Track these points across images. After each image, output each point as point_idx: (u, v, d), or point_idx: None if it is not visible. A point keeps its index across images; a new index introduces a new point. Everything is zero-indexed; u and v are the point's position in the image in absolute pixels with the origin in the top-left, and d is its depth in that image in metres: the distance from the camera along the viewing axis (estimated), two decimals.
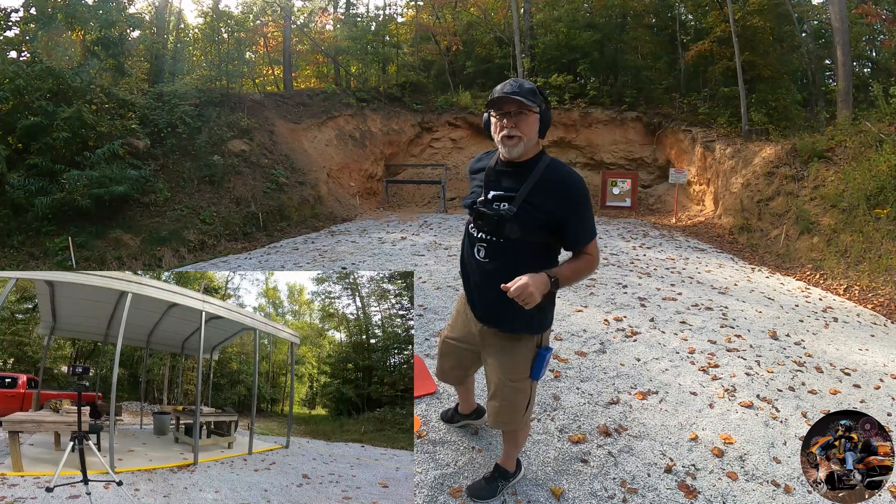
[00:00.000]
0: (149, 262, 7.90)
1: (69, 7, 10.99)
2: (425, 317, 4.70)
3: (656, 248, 8.65)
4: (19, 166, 8.31)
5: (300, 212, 11.28)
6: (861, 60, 18.12)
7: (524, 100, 1.68)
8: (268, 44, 19.01)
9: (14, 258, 7.37)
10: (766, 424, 2.95)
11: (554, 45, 16.81)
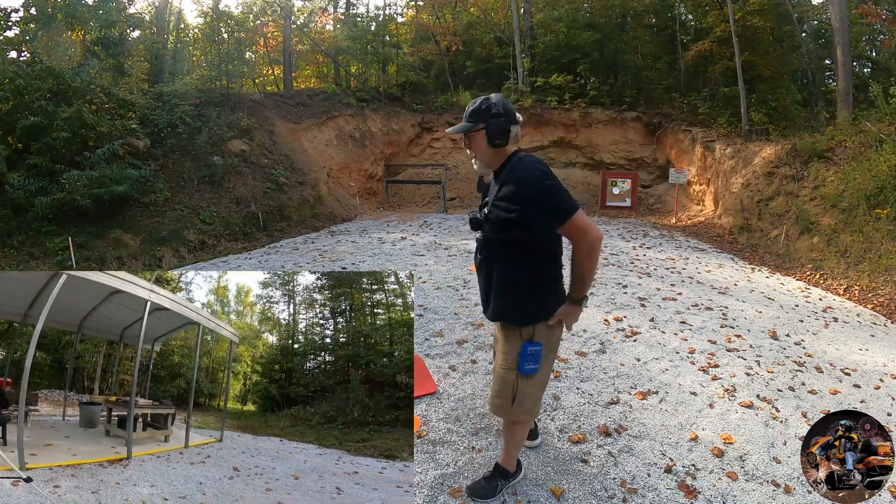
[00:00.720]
0: (149, 262, 7.90)
1: (69, 7, 10.99)
2: (425, 317, 4.70)
3: (656, 248, 8.65)
4: (19, 166, 8.31)
5: (300, 212, 11.28)
6: (861, 60, 18.12)
7: (466, 125, 1.93)
8: (268, 44, 19.02)
9: (14, 258, 7.37)
10: (766, 424, 2.95)
11: (554, 45, 16.81)
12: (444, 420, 2.90)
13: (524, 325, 2.00)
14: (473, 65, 18.80)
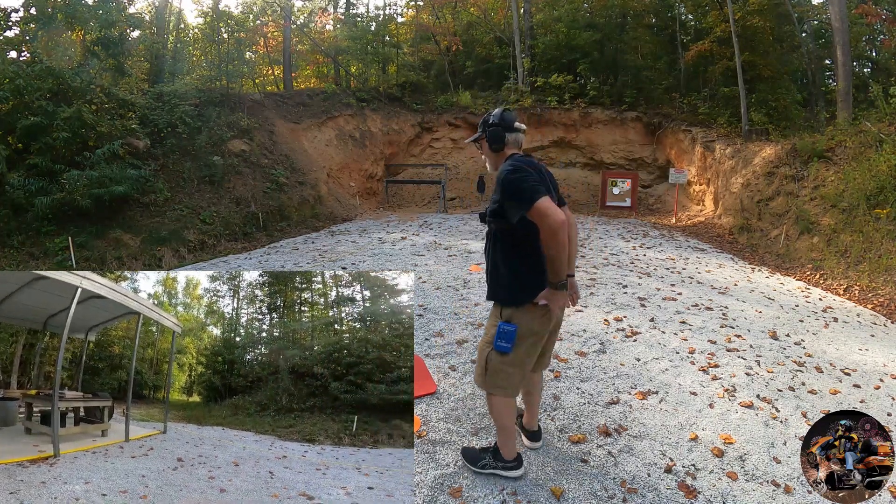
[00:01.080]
0: (149, 262, 7.90)
1: (69, 7, 10.99)
2: (425, 317, 4.70)
3: (656, 248, 8.65)
4: (19, 166, 8.31)
5: (300, 212, 11.28)
6: (861, 60, 18.12)
7: (476, 135, 2.34)
8: (268, 44, 19.02)
9: (14, 258, 7.37)
10: (766, 424, 2.95)
11: (554, 45, 16.81)
12: (444, 420, 2.90)
13: (504, 305, 2.20)
14: (473, 65, 18.80)
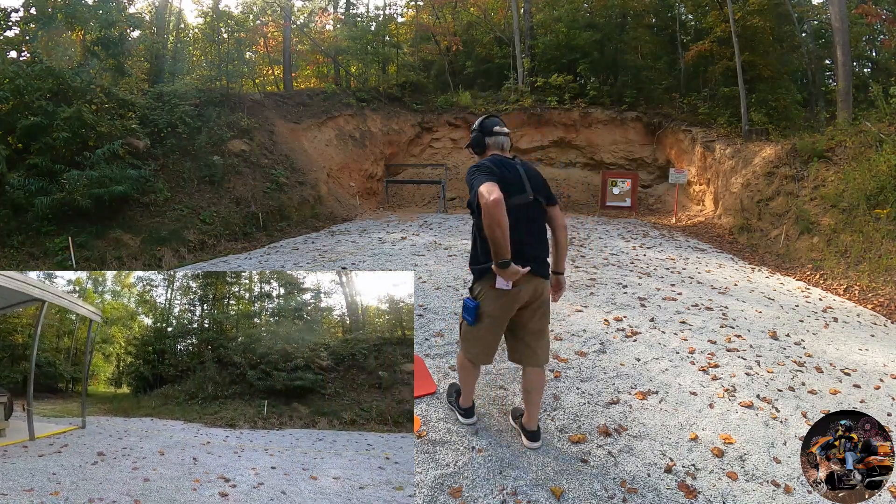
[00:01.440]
0: (149, 262, 7.90)
1: (69, 7, 10.99)
2: (425, 317, 4.70)
3: (656, 248, 8.65)
4: (19, 166, 8.31)
5: (300, 212, 11.28)
6: (861, 60, 18.13)
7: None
8: (268, 44, 19.02)
9: (14, 258, 7.37)
10: (766, 424, 2.95)
11: (554, 45, 16.81)
12: (444, 420, 2.90)
13: (473, 282, 2.50)
14: (473, 65, 18.80)
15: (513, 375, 3.47)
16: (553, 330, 4.39)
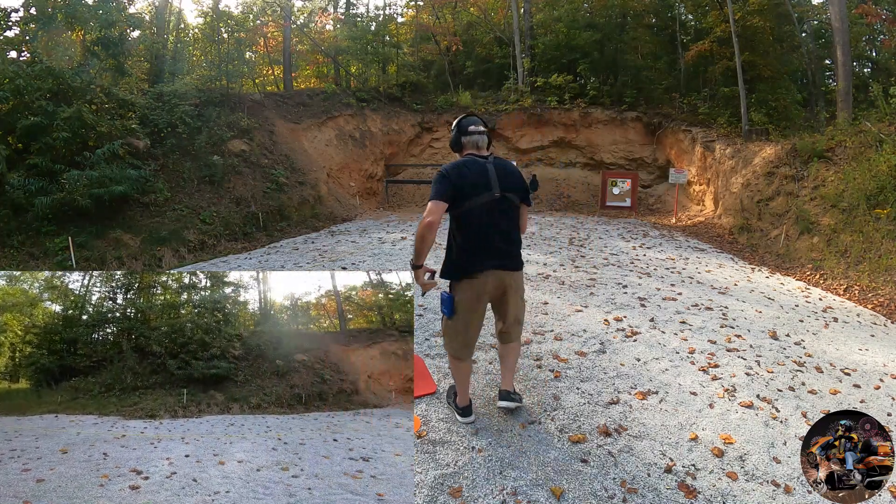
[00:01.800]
0: (149, 262, 7.90)
1: (69, 7, 10.98)
2: (425, 317, 4.70)
3: (656, 248, 8.65)
4: (19, 166, 8.31)
5: (300, 212, 11.28)
6: (861, 60, 18.13)
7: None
8: (268, 44, 19.01)
9: (14, 258, 7.37)
10: (766, 424, 2.95)
11: (554, 45, 16.82)
12: (444, 420, 2.90)
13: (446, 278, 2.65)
14: (473, 65, 18.81)
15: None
16: (553, 330, 4.39)
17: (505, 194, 2.56)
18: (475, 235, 2.52)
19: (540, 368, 3.62)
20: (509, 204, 2.60)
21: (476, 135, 2.64)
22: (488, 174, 2.54)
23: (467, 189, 2.47)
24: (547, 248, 8.34)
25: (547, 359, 3.78)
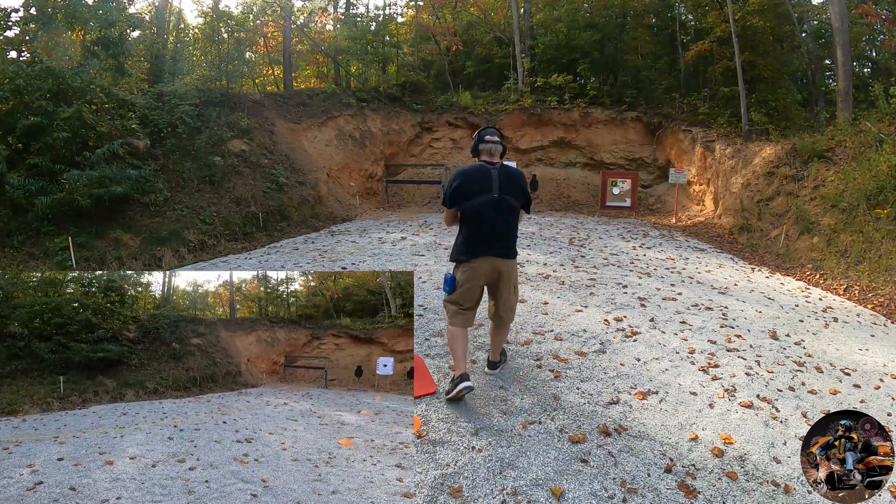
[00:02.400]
0: (149, 262, 7.90)
1: (69, 7, 10.98)
2: (425, 317, 4.70)
3: (656, 248, 8.64)
4: (19, 166, 8.30)
5: (300, 212, 11.28)
6: (861, 60, 18.13)
7: None
8: (268, 44, 19.01)
9: (14, 258, 7.36)
10: (766, 424, 2.95)
11: (554, 45, 16.82)
12: (444, 420, 2.90)
13: (451, 261, 3.21)
14: (473, 65, 18.80)
15: (512, 376, 3.47)
16: (553, 330, 4.39)
17: (503, 196, 3.02)
18: (474, 228, 3.05)
19: (540, 368, 3.62)
20: (507, 205, 3.06)
21: (491, 144, 3.09)
22: (491, 179, 3.02)
23: (469, 191, 3.01)
24: (547, 248, 8.34)
25: (547, 359, 3.78)
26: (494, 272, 3.08)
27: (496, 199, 3.01)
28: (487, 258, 3.04)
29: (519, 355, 3.83)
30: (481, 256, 3.04)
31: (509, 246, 3.11)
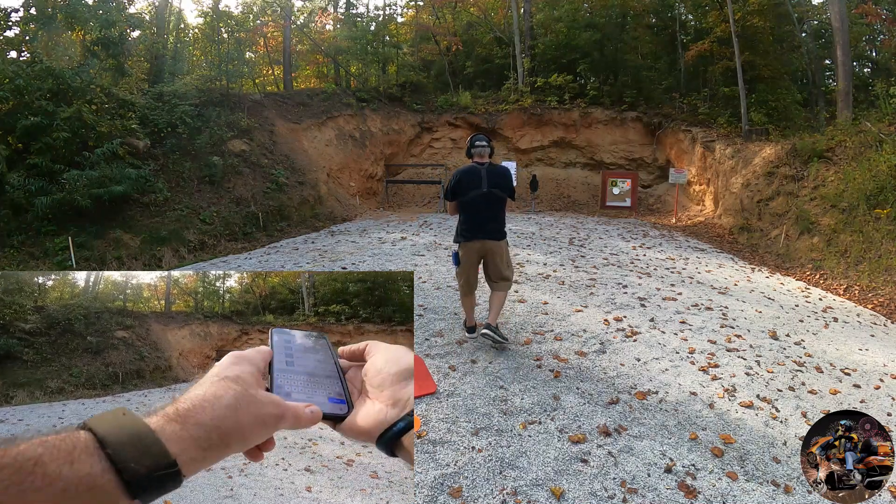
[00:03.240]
0: (149, 262, 7.90)
1: (69, 7, 10.98)
2: (425, 317, 4.70)
3: (656, 248, 8.64)
4: (19, 166, 8.31)
5: (300, 212, 11.28)
6: (861, 60, 18.13)
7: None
8: (268, 44, 19.01)
9: (14, 258, 7.36)
10: (766, 424, 2.95)
11: (554, 45, 16.82)
12: (444, 420, 2.90)
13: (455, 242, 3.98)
14: (473, 65, 18.80)
15: (512, 376, 3.47)
16: (553, 330, 4.39)
17: (491, 190, 3.77)
18: (469, 217, 3.82)
19: (540, 368, 3.62)
20: (495, 196, 3.80)
21: (480, 147, 3.83)
22: (481, 176, 3.77)
23: (465, 187, 3.78)
24: (547, 248, 8.34)
25: (547, 359, 3.78)
26: (484, 249, 3.86)
27: (485, 193, 3.76)
28: (479, 240, 3.81)
29: (519, 355, 3.84)
30: (474, 239, 3.81)
31: (497, 230, 3.85)
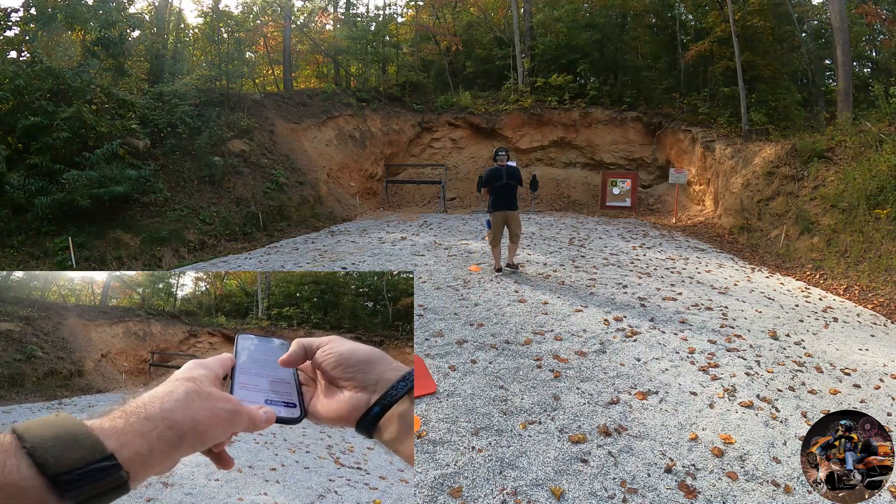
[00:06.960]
0: (149, 262, 7.90)
1: (69, 7, 10.98)
2: (425, 317, 4.70)
3: (656, 248, 8.64)
4: (19, 166, 8.31)
5: (300, 212, 11.28)
6: (861, 60, 18.12)
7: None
8: (268, 44, 19.01)
9: (14, 258, 7.37)
10: (766, 424, 2.95)
11: (554, 45, 16.81)
12: (444, 420, 2.90)
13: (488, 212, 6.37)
14: (473, 65, 18.80)
15: (512, 376, 3.47)
16: (553, 330, 4.39)
17: (508, 182, 6.08)
18: (495, 198, 6.13)
19: (540, 368, 3.62)
20: (510, 185, 6.11)
21: (501, 156, 6.19)
22: (502, 174, 6.08)
23: (492, 179, 6.13)
24: (547, 248, 8.34)
25: (547, 359, 3.78)
26: (505, 217, 6.13)
27: (504, 184, 6.08)
28: (502, 211, 6.11)
29: (519, 355, 3.84)
30: (499, 210, 6.11)
31: (511, 205, 6.13)
